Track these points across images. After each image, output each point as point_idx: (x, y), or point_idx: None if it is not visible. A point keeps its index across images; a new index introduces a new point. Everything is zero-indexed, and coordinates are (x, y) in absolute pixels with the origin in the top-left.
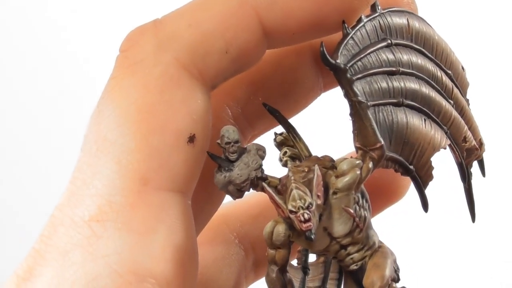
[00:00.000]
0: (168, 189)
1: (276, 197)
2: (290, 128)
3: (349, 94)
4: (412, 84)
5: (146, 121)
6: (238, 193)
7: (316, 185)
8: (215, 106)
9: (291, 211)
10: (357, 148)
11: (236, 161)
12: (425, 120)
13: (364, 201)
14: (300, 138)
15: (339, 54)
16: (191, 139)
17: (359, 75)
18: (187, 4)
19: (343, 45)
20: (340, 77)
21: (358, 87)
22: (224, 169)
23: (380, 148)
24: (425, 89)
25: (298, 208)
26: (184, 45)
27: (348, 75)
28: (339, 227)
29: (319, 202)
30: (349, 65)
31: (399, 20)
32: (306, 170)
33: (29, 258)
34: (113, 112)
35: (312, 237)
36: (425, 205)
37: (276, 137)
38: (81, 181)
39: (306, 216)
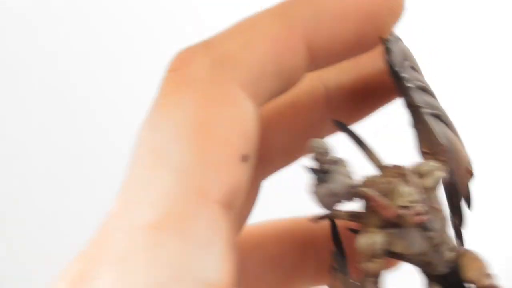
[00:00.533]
0: (223, 203)
1: (381, 198)
2: (361, 142)
3: (412, 101)
4: (436, 103)
5: (204, 136)
6: (335, 204)
7: (416, 184)
8: None
9: (403, 207)
10: (424, 154)
11: (330, 173)
12: (454, 135)
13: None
14: (372, 150)
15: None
16: (245, 157)
17: (409, 85)
18: (235, 26)
19: (392, 59)
20: (403, 85)
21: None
22: (323, 181)
23: (445, 150)
24: (443, 110)
25: (411, 203)
26: (240, 66)
27: (407, 84)
28: (434, 226)
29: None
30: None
31: (404, 46)
32: (396, 176)
33: (79, 263)
34: (168, 126)
35: (432, 226)
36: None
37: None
38: (135, 191)
39: (422, 209)
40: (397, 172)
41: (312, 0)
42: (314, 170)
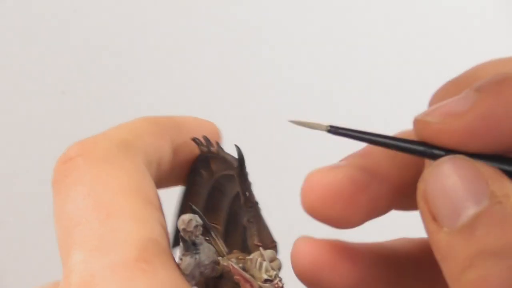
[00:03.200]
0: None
1: (244, 272)
2: (211, 229)
3: (252, 198)
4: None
5: (143, 197)
6: (198, 278)
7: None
8: None
9: (267, 280)
10: (255, 245)
11: (199, 245)
12: None
13: None
14: (219, 238)
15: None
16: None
17: None
18: (120, 125)
19: (242, 158)
20: (246, 181)
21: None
22: (192, 253)
23: (276, 245)
24: None
25: (274, 277)
26: (137, 149)
27: (249, 180)
28: None
29: None
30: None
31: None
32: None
33: None
34: (113, 189)
35: None
36: None
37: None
38: (99, 238)
39: (282, 282)
40: (244, 256)
41: (174, 119)
42: (185, 241)
